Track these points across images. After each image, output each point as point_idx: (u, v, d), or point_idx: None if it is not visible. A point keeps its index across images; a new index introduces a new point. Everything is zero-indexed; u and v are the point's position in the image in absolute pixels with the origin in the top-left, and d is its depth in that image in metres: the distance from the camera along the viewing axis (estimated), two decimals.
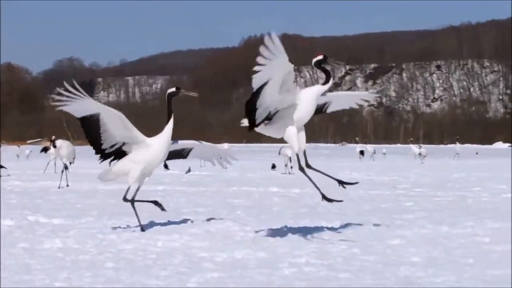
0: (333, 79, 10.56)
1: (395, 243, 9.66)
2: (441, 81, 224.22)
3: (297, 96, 9.92)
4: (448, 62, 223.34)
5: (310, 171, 10.12)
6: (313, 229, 11.06)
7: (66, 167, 22.17)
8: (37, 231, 11.01)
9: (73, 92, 10.07)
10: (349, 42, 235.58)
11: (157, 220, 11.93)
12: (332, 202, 10.28)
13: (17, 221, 12.14)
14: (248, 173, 29.92)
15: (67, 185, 21.47)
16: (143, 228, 10.90)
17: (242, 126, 10.15)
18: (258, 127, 10.06)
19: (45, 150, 31.96)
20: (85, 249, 9.31)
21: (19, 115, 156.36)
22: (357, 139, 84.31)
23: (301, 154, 10.15)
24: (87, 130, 10.64)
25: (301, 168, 10.14)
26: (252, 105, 9.71)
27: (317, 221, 11.99)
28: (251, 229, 10.97)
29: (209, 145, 12.04)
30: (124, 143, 10.76)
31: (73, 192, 19.42)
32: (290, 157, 29.82)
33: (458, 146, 58.99)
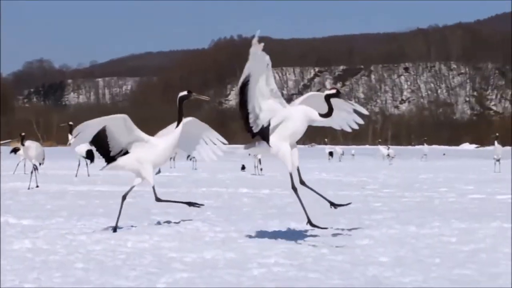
0: (303, 80, 10.57)
1: (364, 243, 9.72)
2: (409, 83, 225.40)
3: (289, 112, 9.73)
4: (416, 64, 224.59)
5: (302, 188, 9.89)
6: (282, 230, 11.14)
7: (35, 168, 22.04)
8: (7, 231, 10.96)
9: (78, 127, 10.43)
10: (318, 44, 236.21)
11: (127, 221, 11.94)
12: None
13: None
14: (218, 174, 29.95)
15: (37, 186, 21.36)
16: (115, 228, 10.90)
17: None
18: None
19: (14, 151, 31.80)
20: (55, 250, 9.29)
21: None
22: (326, 140, 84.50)
23: (294, 171, 9.83)
24: (97, 144, 10.88)
25: (294, 187, 9.76)
26: (243, 107, 9.62)
27: (286, 221, 12.03)
28: (220, 229, 11.02)
29: (204, 124, 11.84)
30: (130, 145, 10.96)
31: (43, 193, 19.31)
32: (259, 159, 29.96)
33: (426, 147, 59.27)
